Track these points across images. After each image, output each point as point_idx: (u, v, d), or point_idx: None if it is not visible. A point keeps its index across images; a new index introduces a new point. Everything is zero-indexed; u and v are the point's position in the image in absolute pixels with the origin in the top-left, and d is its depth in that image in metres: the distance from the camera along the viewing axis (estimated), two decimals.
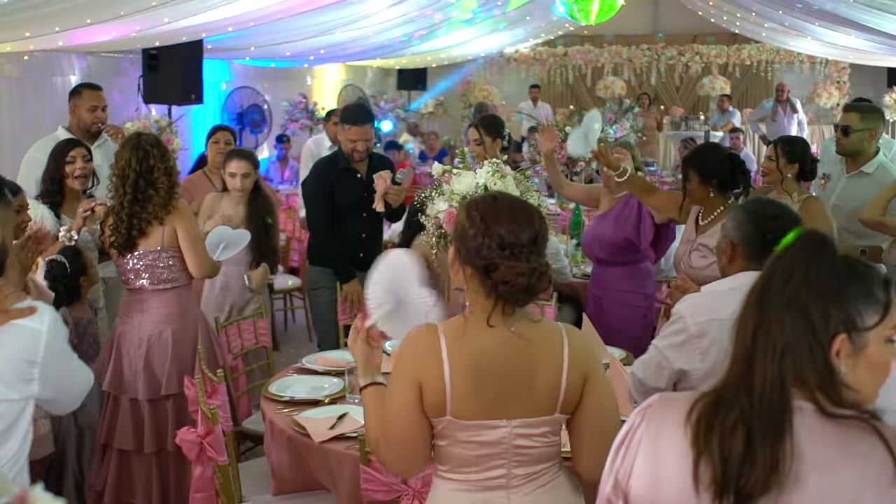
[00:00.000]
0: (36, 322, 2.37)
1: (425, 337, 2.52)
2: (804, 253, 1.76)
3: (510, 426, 2.49)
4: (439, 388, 2.46)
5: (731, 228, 3.02)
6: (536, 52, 18.24)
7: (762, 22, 13.30)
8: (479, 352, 2.48)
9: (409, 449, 2.54)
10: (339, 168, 5.55)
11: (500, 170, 3.97)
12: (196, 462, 3.62)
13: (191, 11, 6.88)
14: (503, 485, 2.53)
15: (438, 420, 2.51)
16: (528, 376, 2.49)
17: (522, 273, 2.41)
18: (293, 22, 8.67)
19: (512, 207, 2.50)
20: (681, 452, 1.80)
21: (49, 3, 5.58)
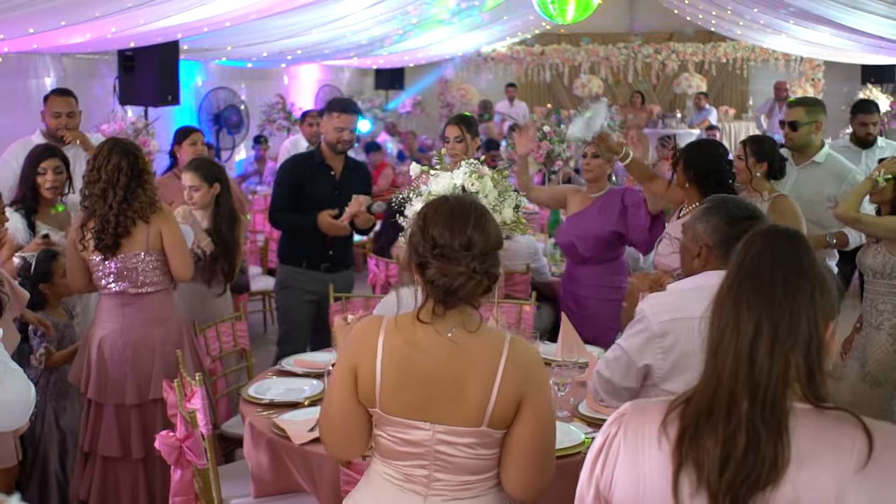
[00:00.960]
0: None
1: (368, 327, 2.59)
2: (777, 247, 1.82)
3: (433, 430, 2.51)
4: (370, 378, 2.54)
5: (704, 231, 3.01)
6: (514, 51, 18.26)
7: (737, 20, 13.37)
8: (413, 351, 2.51)
9: (344, 432, 2.65)
10: (315, 163, 5.61)
11: (477, 170, 3.97)
12: (176, 466, 3.62)
13: (166, 13, 6.84)
14: (424, 483, 2.57)
15: (371, 410, 2.59)
16: (457, 384, 2.49)
17: (446, 275, 2.45)
18: (269, 22, 8.65)
19: (455, 211, 2.52)
20: (661, 463, 1.82)
21: (24, 6, 5.54)
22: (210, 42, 9.46)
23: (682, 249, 3.18)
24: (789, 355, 1.74)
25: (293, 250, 5.62)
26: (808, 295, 1.75)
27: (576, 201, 5.65)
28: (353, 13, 9.50)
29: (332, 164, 5.59)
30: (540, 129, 6.96)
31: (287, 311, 5.68)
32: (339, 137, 5.51)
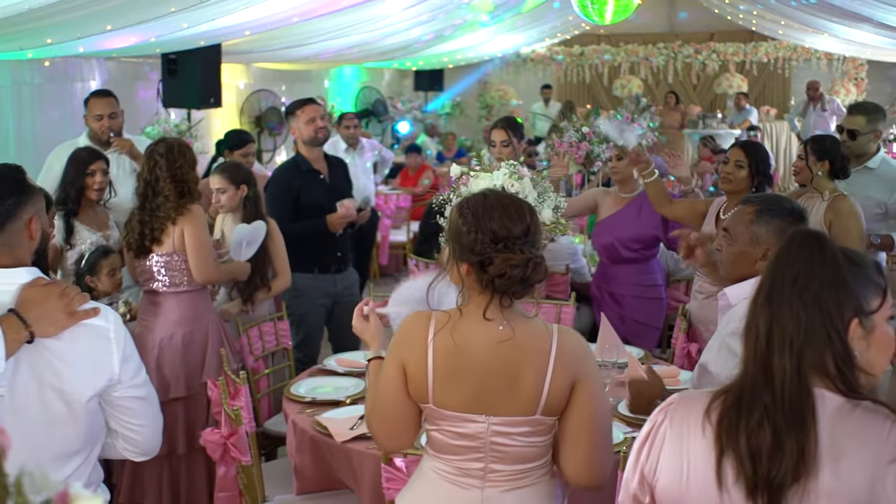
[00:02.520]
0: (102, 321, 2.45)
1: (416, 323, 2.61)
2: (804, 249, 1.85)
3: (488, 422, 2.54)
4: (422, 374, 2.56)
5: (767, 233, 2.99)
6: (553, 52, 18.25)
7: (778, 19, 13.27)
8: (464, 345, 2.53)
9: (394, 426, 2.67)
10: (302, 171, 5.61)
11: (517, 171, 3.99)
12: (220, 463, 3.68)
13: (209, 16, 6.92)
14: (480, 476, 2.59)
15: (423, 406, 2.61)
16: (512, 375, 2.53)
17: (517, 265, 2.47)
18: (310, 25, 8.71)
19: (502, 202, 2.55)
20: (704, 450, 1.86)
21: (70, 10, 5.62)
22: (252, 45, 9.55)
23: (737, 255, 3.11)
24: (804, 351, 1.78)
25: (304, 257, 5.52)
26: (816, 293, 1.80)
27: (608, 203, 5.63)
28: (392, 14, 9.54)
29: (319, 168, 5.62)
30: (579, 130, 6.95)
31: (304, 318, 5.67)
32: (316, 126, 5.50)
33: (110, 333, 2.46)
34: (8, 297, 2.34)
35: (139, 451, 2.65)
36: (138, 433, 2.59)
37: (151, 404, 2.63)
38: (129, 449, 2.63)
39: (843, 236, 4.68)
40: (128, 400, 2.53)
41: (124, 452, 2.65)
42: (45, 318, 2.33)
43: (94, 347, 2.43)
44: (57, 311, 2.35)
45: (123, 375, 2.48)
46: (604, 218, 5.62)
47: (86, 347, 2.42)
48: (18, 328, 2.29)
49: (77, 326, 2.39)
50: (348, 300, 5.53)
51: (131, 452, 2.65)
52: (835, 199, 4.77)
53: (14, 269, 2.40)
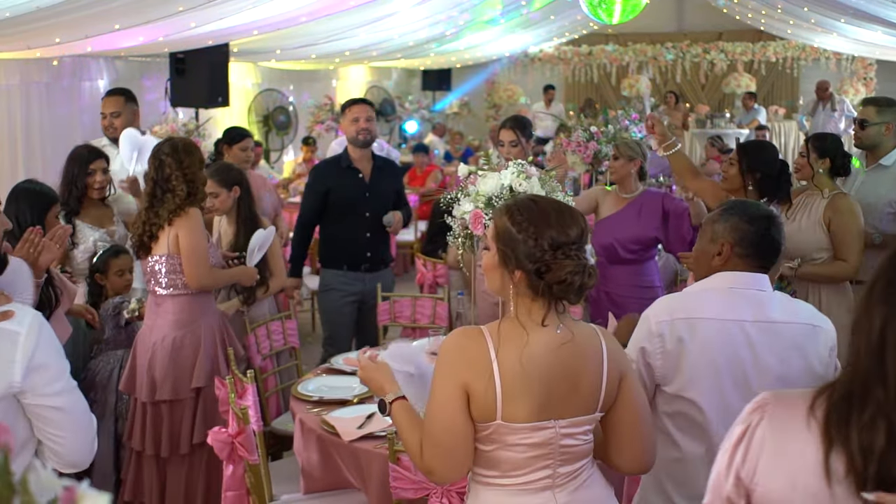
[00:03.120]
0: (14, 325, 2.32)
1: (472, 341, 2.51)
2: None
3: (557, 426, 2.50)
4: (489, 392, 2.46)
5: (724, 230, 2.99)
6: (561, 52, 18.23)
7: (787, 19, 13.24)
8: (528, 355, 2.48)
9: (458, 454, 2.50)
10: (342, 167, 5.65)
11: (524, 170, 3.98)
12: (227, 461, 3.68)
13: (217, 16, 6.93)
14: (549, 485, 2.55)
15: (486, 425, 2.49)
16: (574, 376, 2.52)
17: (575, 272, 2.45)
18: (317, 25, 8.71)
19: (556, 208, 2.54)
20: (810, 447, 1.84)
21: (78, 10, 5.64)
22: (260, 44, 9.56)
23: (699, 254, 3.14)
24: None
25: (333, 254, 5.68)
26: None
27: (608, 202, 5.58)
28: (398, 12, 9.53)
29: (360, 167, 5.62)
30: (587, 130, 6.93)
31: (330, 314, 5.73)
32: (358, 127, 5.54)
33: (20, 338, 2.31)
34: None
35: (62, 463, 2.47)
36: (58, 444, 2.43)
37: (72, 415, 2.44)
38: (53, 459, 2.47)
39: (841, 234, 4.70)
40: (42, 409, 2.39)
41: (50, 463, 2.48)
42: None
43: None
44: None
45: (28, 384, 2.33)
46: (603, 218, 5.58)
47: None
48: None
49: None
50: (375, 300, 5.53)
51: (55, 463, 2.48)
52: (834, 198, 4.77)
53: None
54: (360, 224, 5.59)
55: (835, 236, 4.71)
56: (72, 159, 5.14)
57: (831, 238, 4.71)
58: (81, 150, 5.20)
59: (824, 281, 4.75)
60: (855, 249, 4.68)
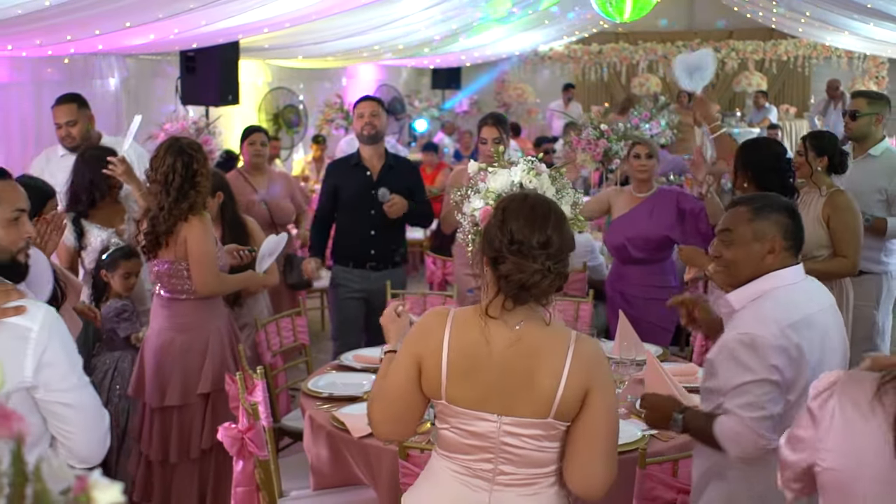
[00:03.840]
0: (27, 321, 2.34)
1: (435, 319, 2.63)
2: None
3: (500, 422, 2.54)
4: (436, 370, 2.57)
5: (769, 226, 2.89)
6: (571, 50, 18.20)
7: (798, 17, 13.19)
8: (479, 343, 2.54)
9: (399, 418, 2.70)
10: (350, 164, 5.65)
11: (535, 167, 3.98)
12: (237, 457, 3.69)
13: (227, 13, 6.94)
14: (489, 478, 2.60)
15: (436, 402, 2.63)
16: (524, 376, 2.53)
17: (522, 271, 2.47)
18: (327, 23, 8.72)
19: (534, 208, 2.54)
20: (878, 429, 1.87)
21: (89, 7, 5.66)
22: (269, 42, 9.58)
23: (742, 256, 2.95)
24: None
25: (341, 251, 5.71)
26: None
27: (621, 202, 5.55)
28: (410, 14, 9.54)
29: (369, 164, 5.58)
30: (597, 128, 6.94)
31: (337, 309, 5.75)
32: (362, 123, 5.51)
33: (31, 334, 2.34)
34: None
35: (75, 459, 2.50)
36: (69, 440, 2.46)
37: (83, 412, 2.47)
38: (65, 454, 2.50)
39: (840, 230, 4.76)
40: (54, 405, 2.41)
41: (64, 458, 2.49)
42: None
43: (7, 348, 2.32)
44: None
45: (40, 379, 2.36)
46: (616, 217, 5.56)
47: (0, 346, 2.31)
48: None
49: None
50: (382, 300, 5.53)
51: (67, 458, 2.50)
52: (832, 195, 4.84)
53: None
54: (366, 221, 5.54)
55: (834, 233, 4.76)
56: (88, 162, 5.02)
57: (830, 235, 4.76)
58: (96, 153, 5.06)
59: (825, 278, 4.75)
60: (854, 246, 4.76)
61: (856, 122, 5.48)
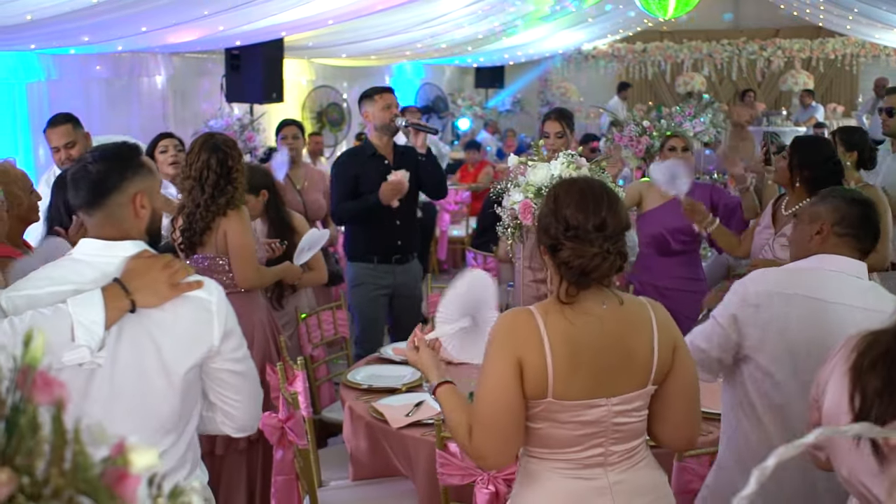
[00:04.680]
0: (205, 293, 2.47)
1: (522, 319, 2.51)
2: None
3: (609, 404, 2.49)
4: (541, 369, 2.44)
5: (825, 211, 2.97)
6: (615, 49, 18.12)
7: (846, 14, 13.04)
8: (576, 331, 2.47)
9: (507, 433, 2.48)
10: (367, 156, 5.50)
11: (574, 161, 3.98)
12: (277, 446, 3.72)
13: (271, 11, 7.01)
14: (601, 462, 2.53)
15: (537, 402, 2.48)
16: (624, 351, 2.50)
17: (582, 256, 2.43)
18: (370, 21, 8.77)
19: (587, 192, 2.51)
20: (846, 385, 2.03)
21: (137, 4, 5.74)
22: (313, 40, 9.65)
23: (796, 236, 3.13)
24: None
25: (363, 247, 5.51)
26: None
27: (653, 194, 5.50)
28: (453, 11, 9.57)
29: (385, 154, 5.49)
30: (639, 125, 6.90)
31: (363, 309, 5.56)
32: (391, 114, 5.40)
33: (213, 306, 2.48)
34: (112, 269, 2.39)
35: (236, 427, 2.64)
36: (235, 408, 2.59)
37: (249, 381, 2.62)
38: (227, 423, 2.63)
39: None
40: (225, 373, 2.54)
41: (223, 427, 2.65)
42: (147, 289, 2.36)
43: (195, 319, 2.45)
44: (159, 283, 2.37)
45: (223, 347, 2.50)
46: (651, 209, 5.52)
47: (187, 319, 2.44)
48: (120, 297, 2.32)
49: (180, 298, 2.41)
50: (408, 293, 5.52)
51: (229, 427, 2.65)
52: (862, 189, 4.73)
53: (120, 242, 2.44)
54: (390, 213, 5.38)
55: None
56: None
57: None
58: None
59: None
60: (884, 240, 4.66)
61: (893, 119, 5.44)
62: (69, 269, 2.45)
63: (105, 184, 2.43)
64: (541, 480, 2.55)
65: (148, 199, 2.50)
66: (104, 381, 2.37)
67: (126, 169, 2.47)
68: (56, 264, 2.51)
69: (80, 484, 1.03)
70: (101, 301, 2.29)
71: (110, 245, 2.44)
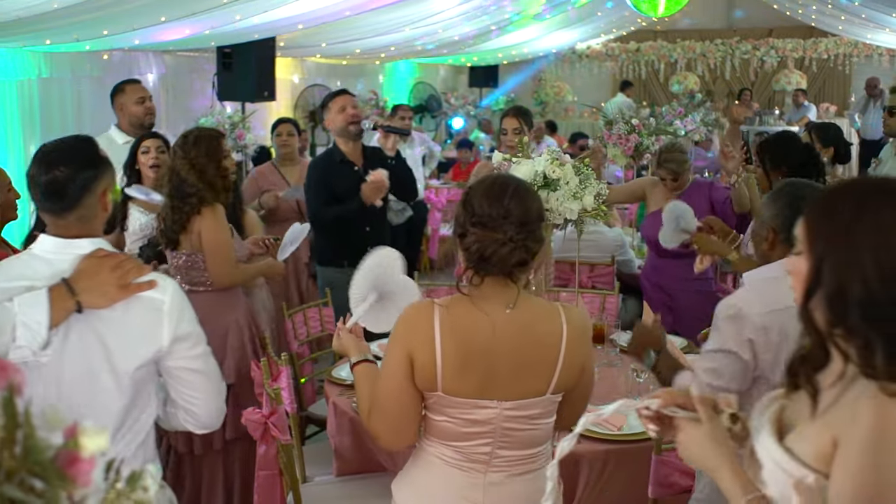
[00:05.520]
0: (159, 293, 2.46)
1: (420, 312, 2.58)
2: None
3: (501, 407, 2.53)
4: (430, 363, 2.52)
5: (770, 216, 2.93)
6: (609, 48, 18.16)
7: (838, 14, 13.07)
8: (470, 329, 2.52)
9: (400, 419, 2.60)
10: (336, 161, 5.43)
11: (558, 157, 4.00)
12: (261, 441, 3.73)
13: (262, 8, 7.02)
14: (485, 461, 2.59)
15: (430, 394, 2.57)
16: (519, 358, 2.53)
17: (481, 241, 2.48)
18: (362, 20, 8.79)
19: (494, 184, 2.57)
20: None
21: (125, 2, 5.75)
22: (305, 39, 9.65)
23: (753, 235, 3.12)
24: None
25: (333, 251, 5.42)
26: None
27: (657, 194, 5.57)
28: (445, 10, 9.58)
29: (353, 159, 5.44)
30: (628, 122, 6.92)
31: (341, 309, 5.53)
32: (347, 116, 5.34)
33: (164, 306, 2.46)
34: (67, 266, 2.39)
35: (198, 424, 2.65)
36: (194, 405, 2.60)
37: (209, 379, 2.62)
38: (189, 420, 2.64)
39: None
40: (182, 371, 2.54)
41: (185, 423, 2.66)
42: (94, 290, 2.36)
43: (144, 319, 2.44)
44: (108, 284, 2.37)
45: (175, 347, 2.49)
46: (653, 211, 5.57)
47: (137, 318, 2.43)
48: (66, 298, 2.32)
49: (132, 298, 2.41)
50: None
51: (191, 424, 2.66)
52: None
53: (77, 240, 2.45)
54: (360, 218, 5.33)
55: None
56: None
57: None
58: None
59: None
60: None
61: (893, 118, 5.46)
62: (25, 265, 2.46)
63: (79, 188, 2.44)
64: (426, 464, 2.66)
65: (111, 193, 2.54)
66: (50, 380, 2.38)
67: (95, 168, 2.49)
68: (14, 259, 2.54)
69: (33, 467, 1.05)
70: (47, 301, 2.30)
71: (68, 243, 2.45)
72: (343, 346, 2.92)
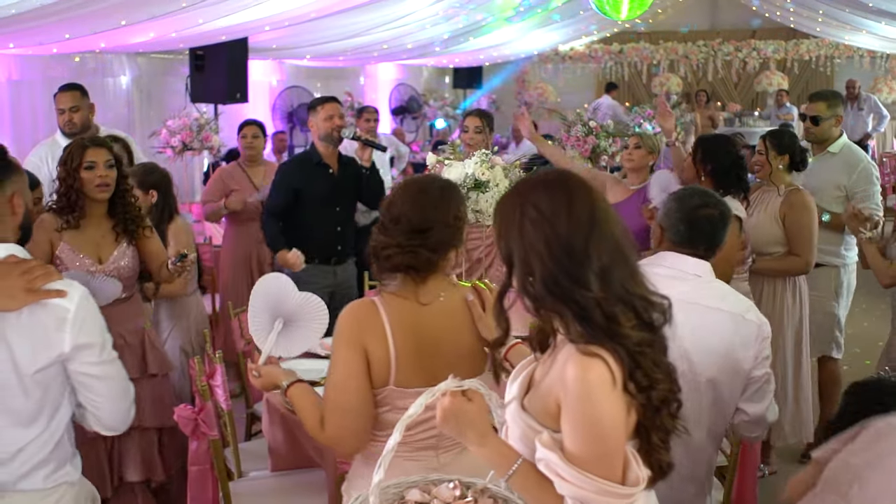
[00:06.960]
0: (66, 302, 2.50)
1: (365, 308, 2.64)
2: None
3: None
4: (384, 357, 2.58)
5: (661, 215, 3.10)
6: (592, 50, 18.21)
7: (815, 16, 13.14)
8: (416, 321, 2.61)
9: (363, 418, 2.60)
10: (313, 164, 5.59)
11: (489, 160, 4.08)
12: (192, 437, 3.80)
13: (223, 12, 7.06)
14: (434, 445, 2.67)
15: (379, 391, 2.62)
16: (461, 339, 2.65)
17: (376, 242, 2.61)
18: (332, 21, 8.83)
19: (404, 188, 2.67)
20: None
21: (81, 6, 5.80)
22: (276, 42, 9.71)
23: (652, 230, 3.26)
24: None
25: (303, 249, 5.53)
26: None
27: (615, 192, 5.60)
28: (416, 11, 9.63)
29: (330, 163, 5.60)
30: (585, 125, 6.99)
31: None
32: (333, 124, 5.49)
33: (69, 315, 2.51)
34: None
35: (103, 426, 2.71)
36: (98, 408, 2.66)
37: (111, 384, 2.66)
38: (95, 422, 2.71)
39: (796, 229, 4.80)
40: (83, 376, 2.60)
41: (94, 424, 2.72)
42: (4, 292, 2.44)
43: (48, 325, 2.50)
44: (16, 288, 2.44)
45: (75, 355, 2.53)
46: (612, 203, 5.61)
47: (40, 323, 2.49)
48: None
49: (39, 303, 2.47)
50: (346, 291, 5.61)
51: (98, 426, 2.72)
52: (790, 193, 4.88)
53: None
54: (332, 218, 5.59)
55: (789, 231, 4.80)
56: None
57: (786, 233, 4.79)
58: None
59: (778, 275, 4.85)
60: (808, 245, 4.78)
61: (818, 128, 5.47)
62: None
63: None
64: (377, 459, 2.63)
65: (21, 198, 2.60)
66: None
67: (2, 171, 2.56)
68: None
69: None
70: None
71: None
72: (267, 379, 2.87)
